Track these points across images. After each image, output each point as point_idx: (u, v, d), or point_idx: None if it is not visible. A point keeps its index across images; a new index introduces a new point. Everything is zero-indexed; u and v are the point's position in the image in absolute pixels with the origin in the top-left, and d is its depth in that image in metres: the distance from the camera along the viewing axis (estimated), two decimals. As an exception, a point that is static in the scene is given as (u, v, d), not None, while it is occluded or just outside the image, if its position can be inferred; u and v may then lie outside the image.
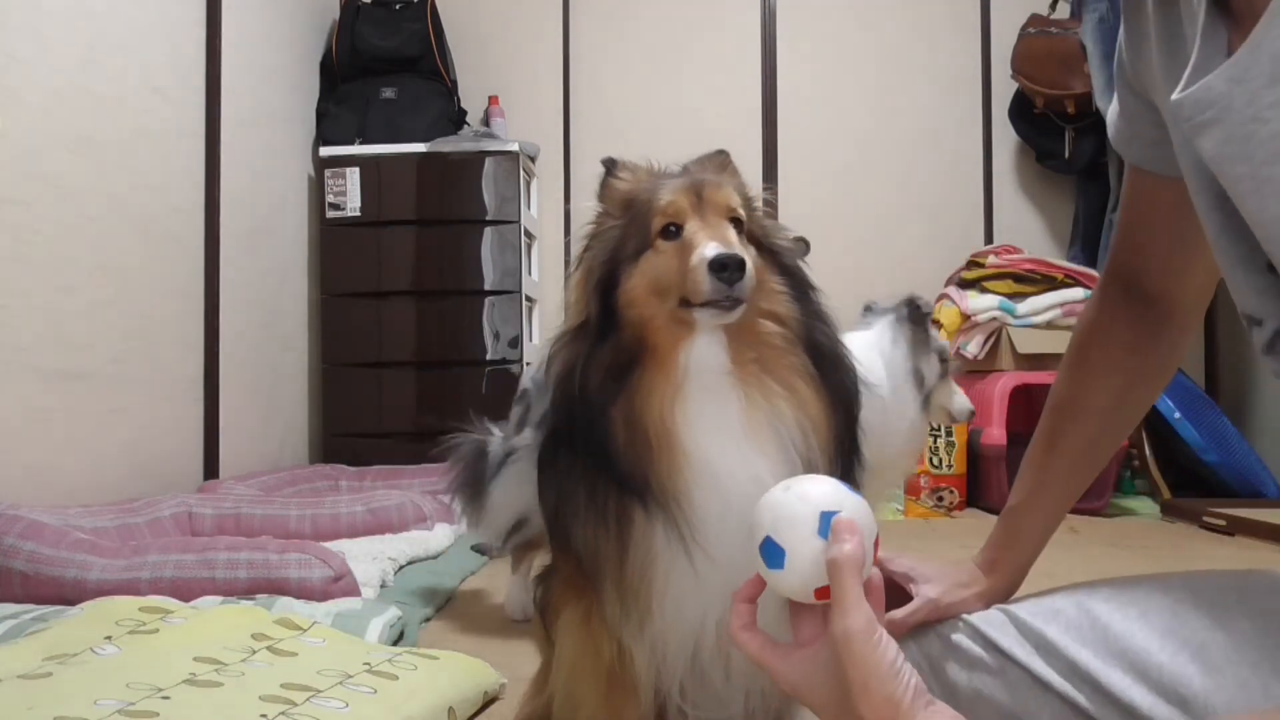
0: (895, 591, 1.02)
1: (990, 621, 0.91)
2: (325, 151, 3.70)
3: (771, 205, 1.04)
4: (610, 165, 1.03)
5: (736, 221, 0.93)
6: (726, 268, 0.85)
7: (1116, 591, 0.87)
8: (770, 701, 0.97)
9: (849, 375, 0.95)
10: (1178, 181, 0.84)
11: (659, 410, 0.88)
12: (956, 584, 0.96)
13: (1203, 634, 0.77)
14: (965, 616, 0.95)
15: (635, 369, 0.90)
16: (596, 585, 0.92)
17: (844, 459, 0.91)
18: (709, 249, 0.87)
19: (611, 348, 0.91)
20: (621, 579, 0.90)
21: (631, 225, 0.95)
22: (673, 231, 0.92)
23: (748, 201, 0.99)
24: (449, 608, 1.99)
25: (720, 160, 1.05)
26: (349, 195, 3.66)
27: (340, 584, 1.81)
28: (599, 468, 0.90)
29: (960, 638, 0.92)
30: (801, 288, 0.96)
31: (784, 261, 0.97)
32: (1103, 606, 0.84)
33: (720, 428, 0.88)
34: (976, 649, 0.90)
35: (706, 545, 0.86)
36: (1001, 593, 0.97)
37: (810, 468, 0.87)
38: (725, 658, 0.91)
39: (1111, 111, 0.90)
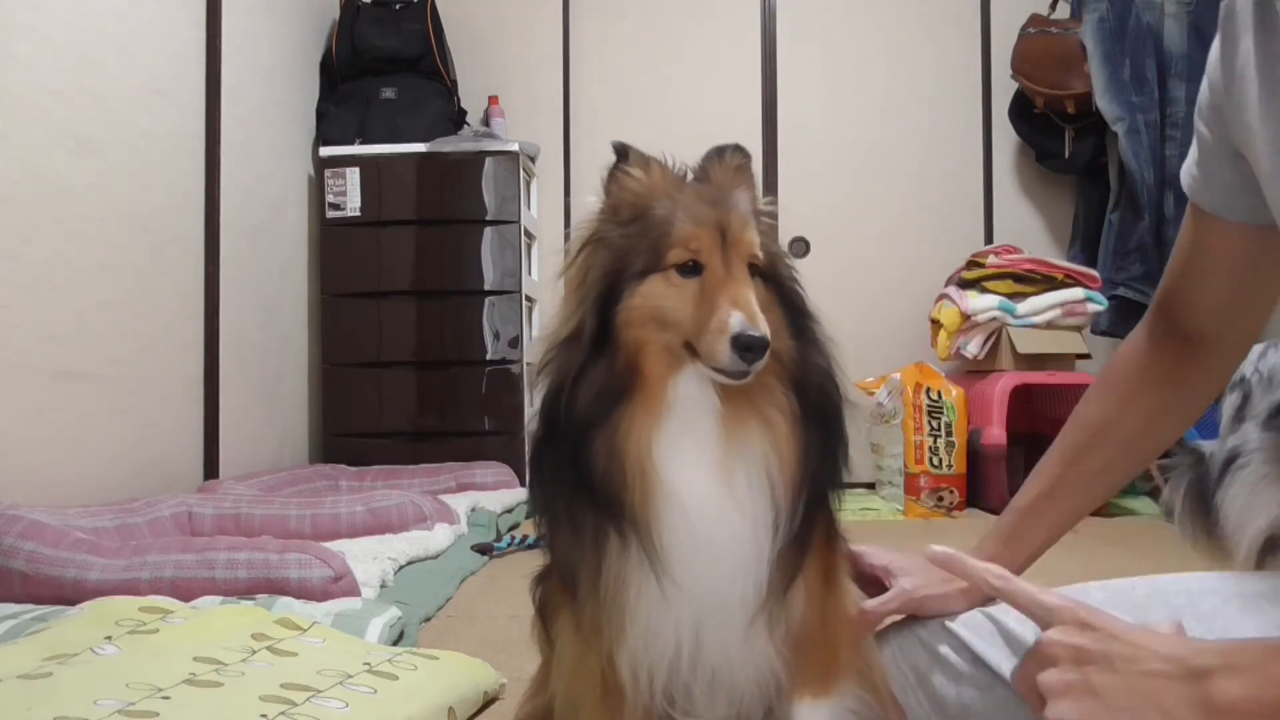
0: (874, 586, 1.02)
1: (978, 631, 0.91)
2: (325, 151, 3.70)
3: (770, 215, 0.99)
4: (622, 153, 0.96)
5: (753, 267, 0.90)
6: (751, 349, 0.83)
7: (1109, 596, 0.86)
8: (760, 703, 0.97)
9: (835, 407, 0.93)
10: (1250, 228, 0.83)
11: (640, 444, 0.87)
12: (939, 578, 0.95)
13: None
14: (951, 627, 0.94)
15: (624, 399, 0.88)
16: (575, 595, 0.92)
17: (815, 491, 0.90)
18: (734, 321, 0.84)
19: (605, 369, 0.89)
20: (596, 593, 0.90)
21: (642, 239, 0.91)
22: (691, 267, 0.89)
23: (761, 227, 0.95)
24: (449, 608, 1.99)
25: (738, 162, 0.99)
26: (349, 195, 3.66)
27: (340, 584, 1.81)
28: (579, 486, 0.89)
29: (947, 651, 0.91)
30: (800, 317, 0.94)
31: (786, 292, 0.95)
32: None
33: (697, 462, 0.88)
34: (964, 664, 0.89)
35: (675, 575, 0.86)
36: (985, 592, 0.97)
37: (776, 503, 0.87)
38: (708, 670, 0.91)
39: (1189, 159, 0.90)
